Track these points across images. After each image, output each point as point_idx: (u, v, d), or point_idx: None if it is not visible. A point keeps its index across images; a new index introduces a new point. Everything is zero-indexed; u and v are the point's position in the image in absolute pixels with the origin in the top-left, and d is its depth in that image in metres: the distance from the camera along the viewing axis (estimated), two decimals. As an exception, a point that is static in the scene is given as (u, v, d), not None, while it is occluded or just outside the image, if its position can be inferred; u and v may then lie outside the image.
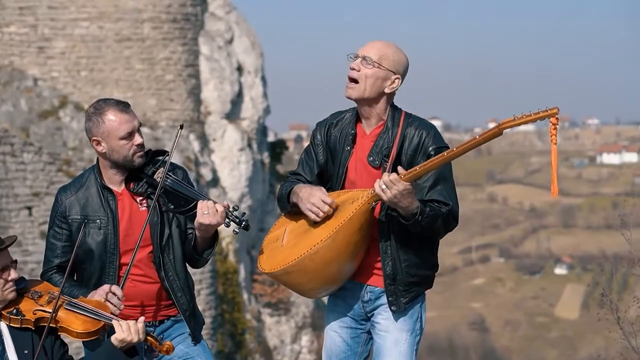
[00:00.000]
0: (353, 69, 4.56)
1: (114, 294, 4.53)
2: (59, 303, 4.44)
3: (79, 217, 4.71)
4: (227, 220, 4.56)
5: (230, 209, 4.58)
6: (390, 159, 4.53)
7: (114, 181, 4.73)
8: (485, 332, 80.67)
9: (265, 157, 31.50)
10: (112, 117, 4.60)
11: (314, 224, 4.57)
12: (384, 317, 4.67)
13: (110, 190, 4.71)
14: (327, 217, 4.53)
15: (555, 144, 4.30)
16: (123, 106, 4.64)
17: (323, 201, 4.51)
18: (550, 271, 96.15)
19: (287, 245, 4.63)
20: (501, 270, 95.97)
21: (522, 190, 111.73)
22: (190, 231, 4.74)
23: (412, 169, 4.38)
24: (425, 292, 4.70)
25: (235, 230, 4.59)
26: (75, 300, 4.50)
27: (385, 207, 4.57)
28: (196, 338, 4.79)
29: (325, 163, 4.73)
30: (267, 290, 29.83)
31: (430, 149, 4.54)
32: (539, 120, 4.29)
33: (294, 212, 4.70)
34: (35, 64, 26.52)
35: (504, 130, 4.33)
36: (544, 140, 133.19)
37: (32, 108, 25.27)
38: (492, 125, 4.39)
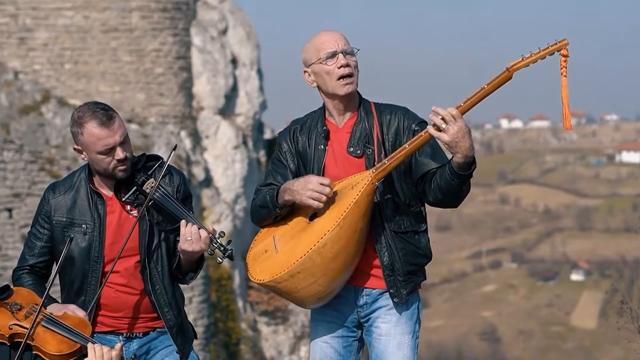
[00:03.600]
0: (348, 66, 4.74)
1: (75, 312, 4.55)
2: (37, 320, 4.44)
3: (64, 220, 4.72)
4: (211, 246, 4.56)
5: (216, 236, 4.58)
6: (375, 144, 4.69)
7: (104, 185, 4.74)
8: (497, 343, 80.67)
9: (262, 155, 31.51)
10: (90, 132, 4.59)
11: (312, 220, 4.67)
12: (384, 321, 4.75)
13: (99, 195, 4.72)
14: (326, 210, 4.63)
15: (566, 76, 4.39)
16: (106, 119, 4.58)
17: (321, 184, 4.60)
18: (565, 277, 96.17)
19: (283, 250, 4.69)
20: (513, 276, 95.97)
21: (536, 191, 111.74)
22: (177, 245, 4.74)
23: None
24: (426, 298, 4.78)
25: (219, 259, 4.58)
26: (55, 317, 4.50)
27: (384, 188, 4.70)
28: (184, 354, 4.79)
29: (297, 169, 4.86)
30: (264, 297, 29.84)
31: (413, 125, 4.76)
32: (548, 56, 4.38)
33: (278, 219, 4.80)
34: (16, 56, 26.52)
35: (514, 73, 4.43)
36: (559, 138, 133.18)
37: (12, 103, 25.28)
38: (503, 121, 4.43)
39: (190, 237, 4.52)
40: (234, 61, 29.91)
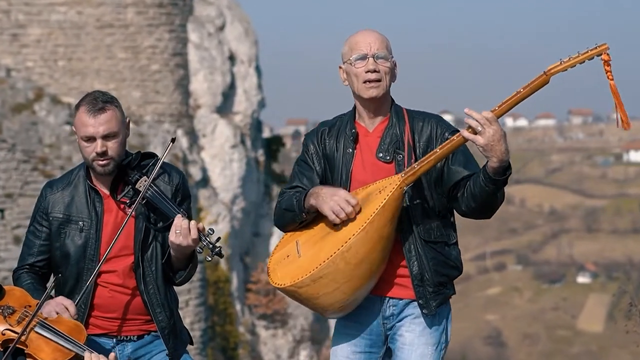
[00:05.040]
0: (376, 71, 4.72)
1: (66, 309, 4.55)
2: (31, 325, 4.44)
3: (60, 216, 4.74)
4: (200, 244, 4.58)
5: (205, 233, 4.59)
6: (406, 150, 4.68)
7: (102, 182, 4.77)
8: (501, 347, 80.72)
9: (260, 154, 31.52)
10: (79, 116, 4.68)
11: (336, 226, 4.64)
12: (408, 330, 4.72)
13: (97, 192, 4.75)
14: (351, 217, 4.62)
15: (612, 79, 4.40)
16: (96, 108, 4.64)
17: (347, 201, 4.59)
18: (572, 280, 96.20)
19: (306, 255, 4.67)
20: (518, 278, 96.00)
21: (542, 191, 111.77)
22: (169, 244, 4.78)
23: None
24: (450, 301, 4.79)
25: (208, 257, 4.59)
26: (48, 322, 4.50)
27: (405, 197, 4.67)
28: (176, 358, 4.79)
29: (323, 172, 4.85)
30: (262, 300, 29.85)
31: (447, 133, 4.73)
32: (587, 60, 4.38)
33: (303, 225, 4.77)
34: (8, 52, 26.52)
35: (551, 77, 4.45)
36: (564, 137, 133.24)
37: (4, 101, 25.28)
38: (508, 119, 4.44)
39: (179, 230, 4.55)
40: (232, 58, 29.93)
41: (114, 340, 4.75)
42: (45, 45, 26.55)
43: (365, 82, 4.72)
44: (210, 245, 4.56)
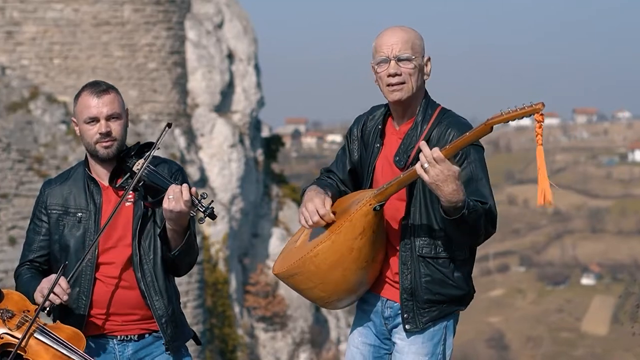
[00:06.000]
0: (395, 75, 4.66)
1: (58, 283, 4.57)
2: (30, 331, 4.46)
3: (59, 208, 4.81)
4: (193, 209, 4.63)
5: (198, 197, 4.65)
6: (412, 157, 4.62)
7: (101, 174, 4.83)
8: (504, 350, 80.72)
9: (259, 154, 31.53)
10: (81, 99, 4.79)
11: (324, 226, 4.68)
12: (400, 337, 4.71)
13: (96, 183, 4.81)
14: (322, 225, 4.66)
15: (541, 144, 4.34)
16: (101, 91, 4.76)
17: (317, 210, 4.61)
18: (576, 281, 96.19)
19: (298, 246, 4.78)
20: (522, 280, 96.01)
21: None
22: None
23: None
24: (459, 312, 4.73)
25: (201, 219, 4.67)
26: (48, 328, 4.52)
27: (412, 210, 4.64)
28: (173, 349, 4.80)
29: (360, 160, 4.86)
30: (261, 302, 29.86)
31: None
32: (525, 117, 4.35)
33: None
34: (3, 50, 26.53)
35: (493, 126, 4.41)
36: (568, 136, 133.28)
37: (-1, 100, 25.29)
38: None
39: (172, 196, 4.58)
40: (230, 56, 29.93)
41: (115, 340, 4.77)
42: (40, 43, 26.56)
43: (388, 85, 4.67)
44: (203, 208, 4.59)
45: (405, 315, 4.65)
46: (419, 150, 4.46)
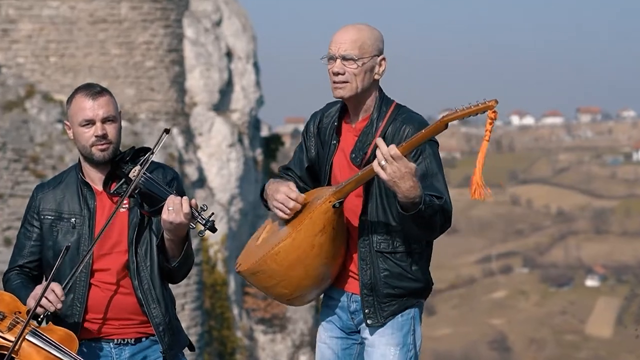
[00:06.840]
0: (338, 74, 4.72)
1: (52, 290, 4.57)
2: (22, 333, 4.45)
3: (52, 214, 4.80)
4: (193, 221, 4.64)
5: (198, 209, 4.66)
6: (368, 154, 4.69)
7: (94, 178, 4.82)
8: (507, 352, 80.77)
9: (258, 154, 31.53)
10: (76, 102, 4.77)
11: (285, 221, 4.77)
12: (369, 331, 4.78)
13: (89, 188, 4.80)
14: (296, 215, 4.73)
15: (488, 140, 4.43)
16: (95, 93, 4.76)
17: (288, 196, 4.68)
18: (580, 283, 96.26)
19: (259, 243, 4.85)
20: (525, 281, 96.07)
21: (549, 192, 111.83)
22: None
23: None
24: (432, 305, 4.77)
25: (201, 232, 4.69)
26: (40, 330, 4.52)
27: (369, 206, 4.71)
28: (171, 356, 4.81)
29: (317, 157, 4.92)
30: (260, 304, 29.87)
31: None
32: (479, 114, 4.43)
33: None
34: (-2, 48, 26.53)
35: (448, 123, 4.48)
36: (572, 135, 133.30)
37: (-6, 98, 25.29)
38: (514, 117, 4.43)
39: (171, 207, 4.59)
40: (229, 54, 29.92)
41: (112, 344, 4.78)
42: (36, 41, 26.56)
43: (333, 82, 4.74)
44: (203, 220, 4.60)
45: (366, 311, 4.74)
46: (376, 148, 4.51)
